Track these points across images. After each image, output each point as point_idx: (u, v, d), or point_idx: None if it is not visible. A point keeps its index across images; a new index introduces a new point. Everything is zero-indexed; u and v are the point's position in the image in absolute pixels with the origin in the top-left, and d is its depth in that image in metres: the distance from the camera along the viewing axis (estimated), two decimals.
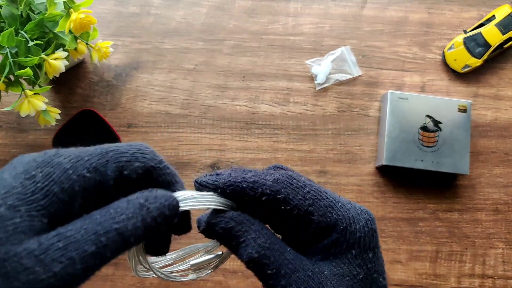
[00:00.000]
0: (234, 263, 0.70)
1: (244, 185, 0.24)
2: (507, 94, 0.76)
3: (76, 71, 0.76)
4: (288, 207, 0.25)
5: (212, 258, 0.28)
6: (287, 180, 0.25)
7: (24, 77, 0.56)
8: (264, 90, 0.75)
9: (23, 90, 0.58)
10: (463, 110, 0.71)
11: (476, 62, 0.74)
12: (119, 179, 0.23)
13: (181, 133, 0.74)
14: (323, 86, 0.75)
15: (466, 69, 0.75)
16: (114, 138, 0.72)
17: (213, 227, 0.25)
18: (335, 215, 0.25)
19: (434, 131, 0.70)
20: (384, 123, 0.71)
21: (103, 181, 0.22)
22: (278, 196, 0.24)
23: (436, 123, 0.70)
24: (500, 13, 0.74)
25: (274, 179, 0.25)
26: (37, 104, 0.58)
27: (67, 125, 0.71)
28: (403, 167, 0.69)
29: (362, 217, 0.25)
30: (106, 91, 0.75)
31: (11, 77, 0.58)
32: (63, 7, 0.56)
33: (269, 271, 0.25)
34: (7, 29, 0.53)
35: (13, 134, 0.74)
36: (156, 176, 0.24)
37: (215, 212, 0.25)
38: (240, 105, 0.75)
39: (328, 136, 0.74)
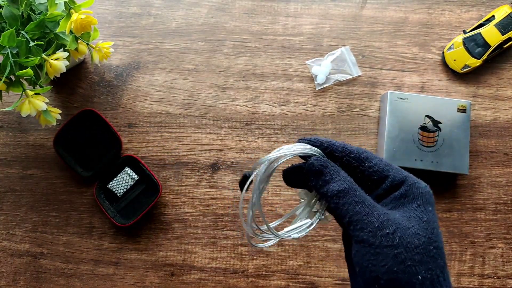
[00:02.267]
0: (234, 262, 0.70)
1: (337, 144, 0.33)
2: (507, 94, 0.76)
3: (77, 71, 0.76)
4: (370, 164, 0.32)
5: (313, 220, 0.35)
6: (365, 150, 0.34)
7: (25, 77, 0.56)
8: (264, 90, 0.76)
9: (24, 90, 0.58)
10: (463, 110, 0.71)
11: (475, 62, 0.74)
12: None
13: (182, 133, 0.74)
14: (323, 86, 0.76)
15: (465, 69, 0.75)
16: (115, 138, 0.72)
17: (311, 165, 0.32)
18: (405, 174, 0.32)
19: (434, 131, 0.70)
20: (383, 123, 0.71)
21: None
22: (362, 156, 0.33)
23: (436, 123, 0.70)
24: (500, 13, 0.74)
25: (356, 146, 0.34)
26: (38, 104, 0.58)
27: (67, 125, 0.72)
28: (402, 167, 0.69)
29: (422, 182, 0.32)
30: (107, 91, 0.75)
31: (12, 77, 0.58)
32: (63, 7, 0.56)
33: (356, 199, 0.30)
34: (8, 29, 0.53)
35: (14, 134, 0.74)
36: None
37: (298, 164, 0.34)
38: (240, 105, 0.75)
39: (328, 136, 0.74)
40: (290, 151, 0.32)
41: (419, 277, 0.28)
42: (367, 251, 0.29)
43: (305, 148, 0.33)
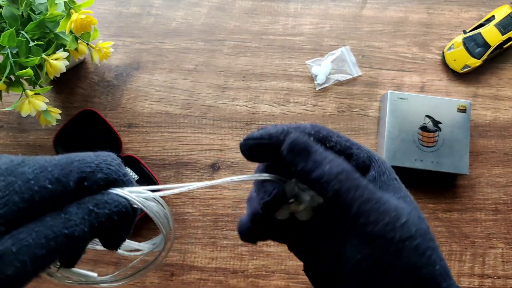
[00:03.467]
0: (234, 262, 0.70)
1: (292, 125, 0.27)
2: (507, 94, 0.76)
3: (77, 71, 0.76)
4: (332, 144, 0.27)
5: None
6: (322, 126, 0.28)
7: (25, 77, 0.56)
8: (264, 90, 0.76)
9: (24, 90, 0.58)
10: (463, 110, 0.71)
11: (475, 62, 0.74)
12: (80, 190, 0.23)
13: (182, 133, 0.74)
14: (323, 86, 0.76)
15: (465, 69, 0.75)
16: (115, 138, 0.72)
17: (295, 142, 0.25)
18: (366, 149, 0.28)
19: (434, 131, 0.70)
20: (384, 123, 0.71)
21: (65, 191, 0.23)
22: (320, 135, 0.27)
23: (436, 123, 0.70)
24: (500, 13, 0.74)
25: (311, 125, 0.27)
26: (38, 104, 0.58)
27: (67, 125, 0.72)
28: (402, 167, 0.69)
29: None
30: (107, 91, 0.75)
31: (12, 77, 0.58)
32: (63, 7, 0.56)
33: (361, 183, 0.24)
34: (8, 29, 0.53)
35: (14, 134, 0.74)
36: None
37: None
38: (240, 105, 0.75)
39: None
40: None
41: (437, 266, 0.24)
42: (385, 251, 0.23)
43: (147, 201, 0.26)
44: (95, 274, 0.28)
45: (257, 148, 0.27)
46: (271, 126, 0.27)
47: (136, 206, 0.25)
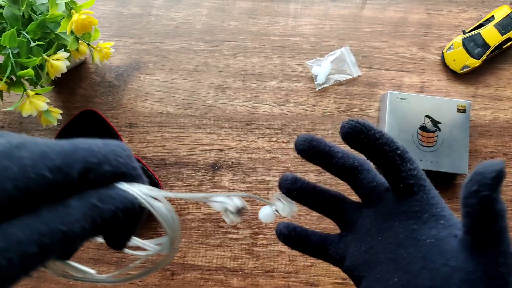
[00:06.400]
0: (235, 262, 0.70)
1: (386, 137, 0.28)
2: (506, 94, 0.76)
3: (78, 71, 0.76)
4: (411, 167, 0.28)
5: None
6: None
7: (26, 78, 0.56)
8: (264, 90, 0.76)
9: (25, 90, 0.58)
10: (462, 110, 0.71)
11: (475, 63, 0.75)
12: (83, 182, 0.20)
13: (182, 133, 0.74)
14: (323, 86, 0.76)
15: (465, 70, 0.75)
16: (116, 138, 0.72)
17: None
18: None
19: (433, 131, 0.70)
20: (383, 123, 0.71)
21: (66, 182, 0.19)
22: (406, 155, 0.28)
23: (435, 123, 0.71)
24: (499, 13, 0.75)
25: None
26: (39, 104, 0.58)
27: (68, 125, 0.72)
28: None
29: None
30: (108, 91, 0.76)
31: (13, 77, 0.58)
32: (64, 8, 0.57)
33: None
34: (9, 29, 0.53)
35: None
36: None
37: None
38: (241, 105, 0.75)
39: (328, 136, 0.74)
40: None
41: None
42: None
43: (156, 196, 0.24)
44: (93, 271, 0.25)
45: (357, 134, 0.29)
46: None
47: (143, 205, 0.23)
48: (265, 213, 0.34)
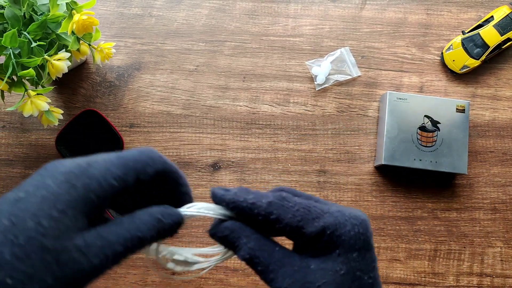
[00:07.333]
0: (235, 261, 0.70)
1: (243, 205, 0.30)
2: (505, 95, 0.76)
3: (79, 71, 0.77)
4: (281, 225, 0.29)
5: (215, 251, 0.34)
6: (279, 202, 0.30)
7: (27, 78, 0.57)
8: (265, 90, 0.76)
9: (26, 90, 0.58)
10: (462, 110, 0.71)
11: (474, 63, 0.75)
12: (137, 183, 0.28)
13: (183, 133, 0.75)
14: (323, 86, 0.76)
15: (464, 70, 0.75)
16: (117, 138, 0.72)
17: (213, 235, 0.33)
18: (322, 223, 0.29)
19: (433, 131, 0.71)
20: (383, 123, 0.72)
21: (126, 186, 0.27)
22: (271, 217, 0.29)
23: (435, 123, 0.71)
24: (499, 14, 0.75)
25: (268, 201, 0.29)
26: (40, 104, 0.58)
27: (69, 125, 0.72)
28: (401, 167, 0.70)
29: (349, 222, 0.29)
30: (109, 91, 0.76)
31: (14, 77, 0.59)
32: (65, 8, 0.57)
33: (259, 268, 0.31)
34: (10, 30, 0.54)
35: (16, 134, 0.75)
36: (167, 176, 0.30)
37: (217, 221, 0.33)
38: (241, 105, 0.76)
39: (328, 136, 0.75)
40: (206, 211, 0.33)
41: None
42: None
43: (204, 213, 0.32)
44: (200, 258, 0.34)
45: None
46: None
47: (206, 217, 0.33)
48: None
